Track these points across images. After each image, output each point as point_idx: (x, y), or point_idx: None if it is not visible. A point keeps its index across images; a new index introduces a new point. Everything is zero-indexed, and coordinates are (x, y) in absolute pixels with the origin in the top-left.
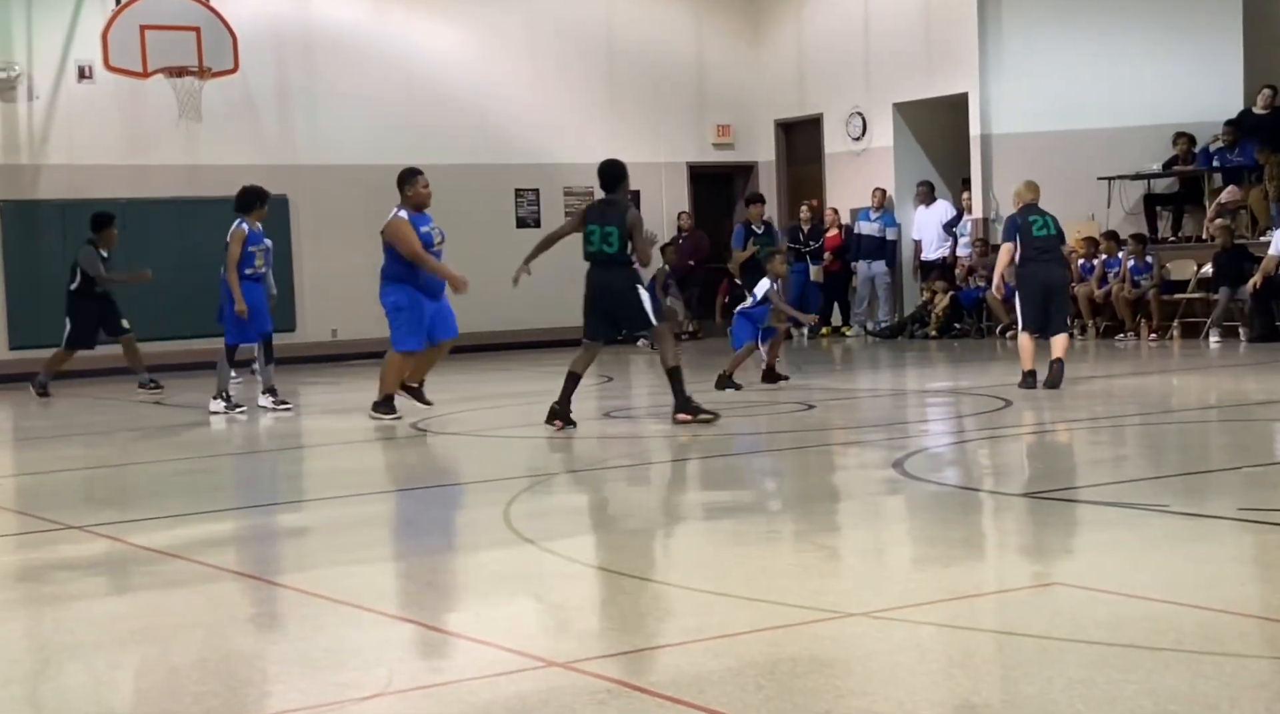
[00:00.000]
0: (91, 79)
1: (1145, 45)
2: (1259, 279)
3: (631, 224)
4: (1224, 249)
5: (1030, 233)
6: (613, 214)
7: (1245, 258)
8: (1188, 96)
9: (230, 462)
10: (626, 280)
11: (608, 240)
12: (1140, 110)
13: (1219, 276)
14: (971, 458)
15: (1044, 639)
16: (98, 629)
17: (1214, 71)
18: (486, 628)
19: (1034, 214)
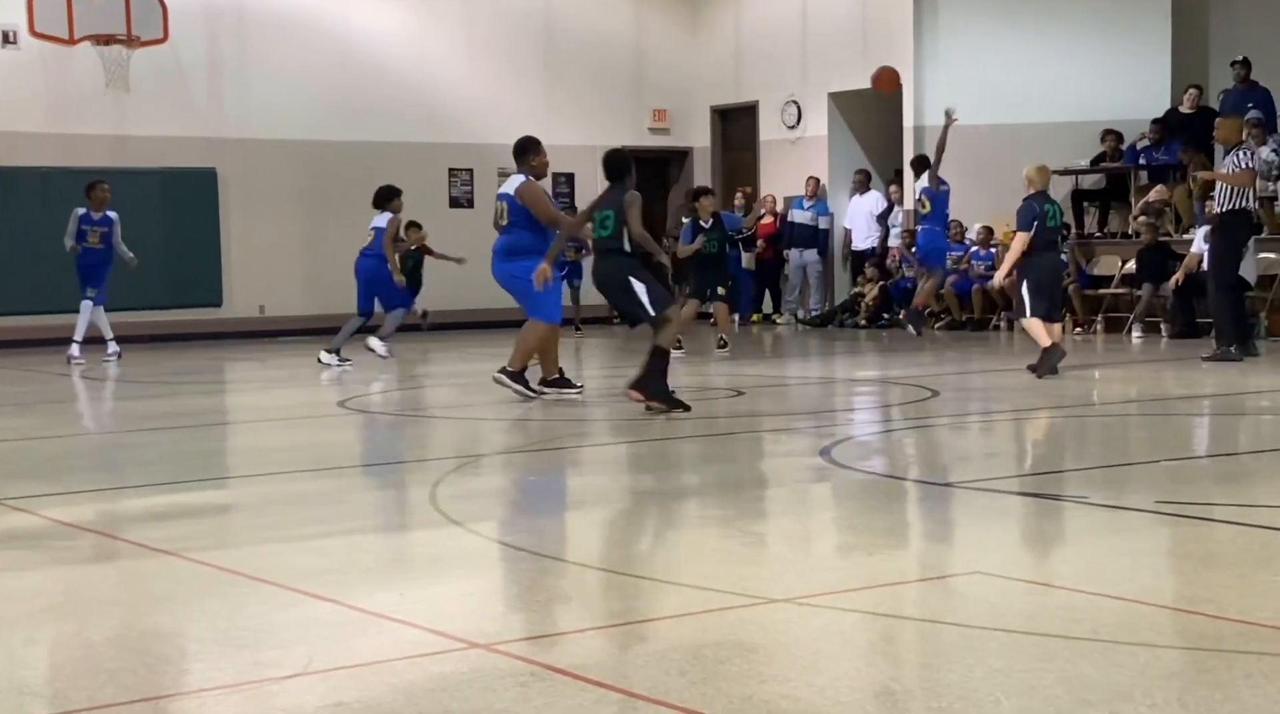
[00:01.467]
0: (16, 44)
1: (1077, 43)
2: (1181, 276)
3: (626, 205)
4: (1148, 246)
5: (1045, 222)
6: (611, 199)
7: (1169, 255)
8: (1117, 94)
9: (154, 437)
10: (619, 270)
11: (604, 224)
12: (1070, 107)
13: (1142, 273)
14: (898, 447)
15: (965, 627)
16: (12, 604)
17: (1143, 70)
18: (410, 609)
19: (1049, 203)
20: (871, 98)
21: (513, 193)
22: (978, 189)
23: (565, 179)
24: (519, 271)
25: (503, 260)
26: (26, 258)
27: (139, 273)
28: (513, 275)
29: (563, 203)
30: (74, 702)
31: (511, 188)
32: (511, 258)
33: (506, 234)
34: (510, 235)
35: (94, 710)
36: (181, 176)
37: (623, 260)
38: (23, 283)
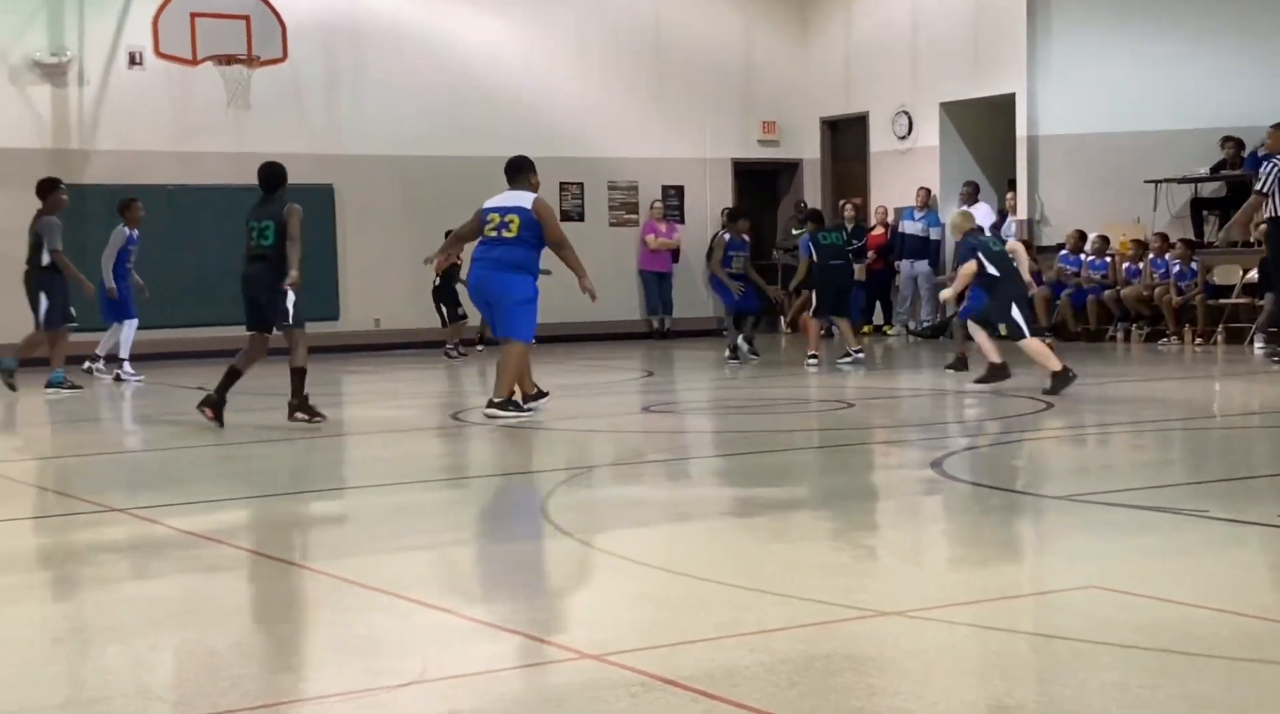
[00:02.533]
0: (142, 65)
1: (1195, 48)
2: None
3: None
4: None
5: (990, 251)
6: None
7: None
8: (1236, 100)
9: (271, 448)
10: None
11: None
12: (1189, 113)
13: (1264, 282)
14: (1010, 459)
15: (1079, 642)
16: (138, 611)
17: (1263, 75)
18: (522, 619)
19: (982, 236)
20: (983, 107)
21: (529, 207)
22: (1093, 198)
23: (675, 192)
24: (516, 288)
25: (499, 271)
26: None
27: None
28: (509, 290)
29: (674, 215)
30: (197, 707)
31: (525, 202)
32: (509, 270)
33: (510, 247)
34: (515, 249)
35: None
36: (299, 193)
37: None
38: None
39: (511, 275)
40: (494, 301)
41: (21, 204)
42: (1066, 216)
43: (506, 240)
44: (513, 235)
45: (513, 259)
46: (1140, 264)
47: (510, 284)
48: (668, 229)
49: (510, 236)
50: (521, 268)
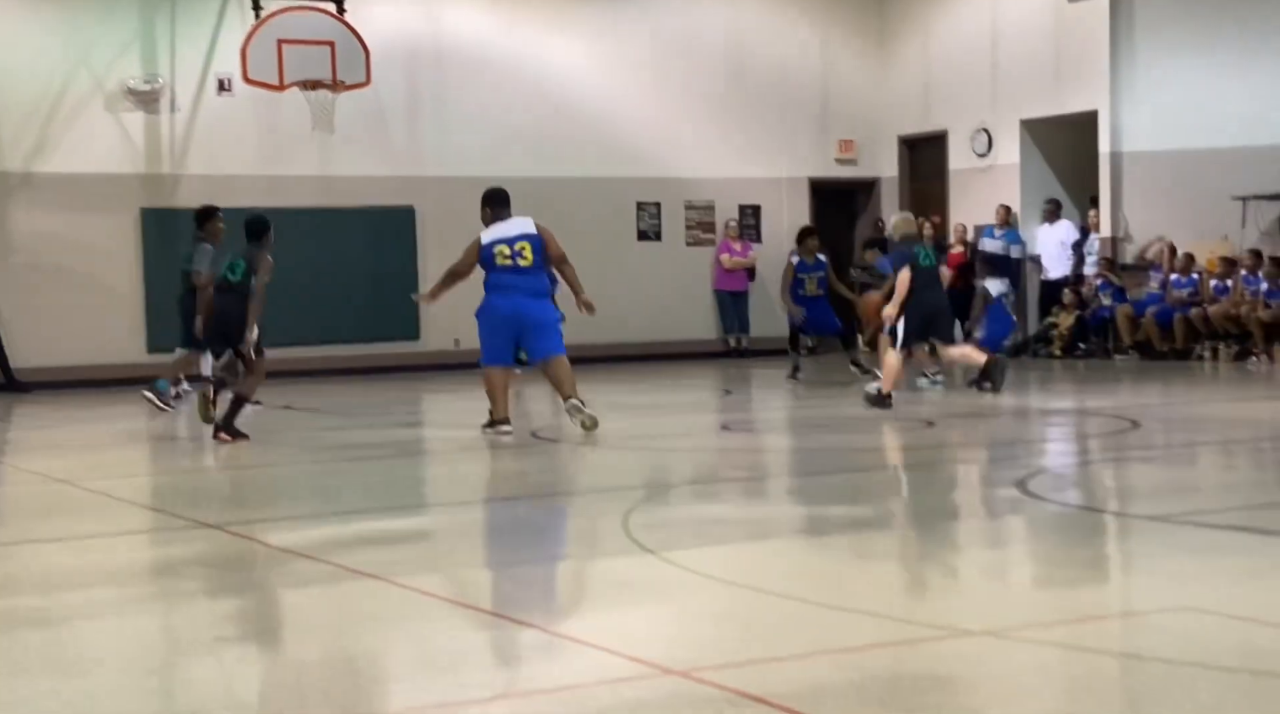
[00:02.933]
0: (230, 91)
1: None
2: None
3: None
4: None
5: (919, 262)
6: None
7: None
8: None
9: (358, 466)
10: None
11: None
12: (1276, 127)
13: None
14: (1096, 479)
15: (1172, 664)
16: (230, 625)
17: None
18: (606, 634)
19: (919, 246)
20: (1065, 124)
21: (535, 232)
22: (1178, 214)
23: (752, 211)
24: (549, 313)
25: (533, 299)
26: None
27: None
28: (546, 315)
29: (750, 234)
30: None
31: (530, 227)
32: (541, 297)
33: (532, 277)
34: (539, 279)
35: None
36: (382, 214)
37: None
38: None
39: (544, 302)
40: (532, 327)
41: (117, 228)
42: (1150, 234)
43: (524, 269)
44: (529, 263)
45: (541, 288)
46: (1228, 281)
47: (546, 310)
48: (743, 248)
49: (526, 265)
50: (548, 295)
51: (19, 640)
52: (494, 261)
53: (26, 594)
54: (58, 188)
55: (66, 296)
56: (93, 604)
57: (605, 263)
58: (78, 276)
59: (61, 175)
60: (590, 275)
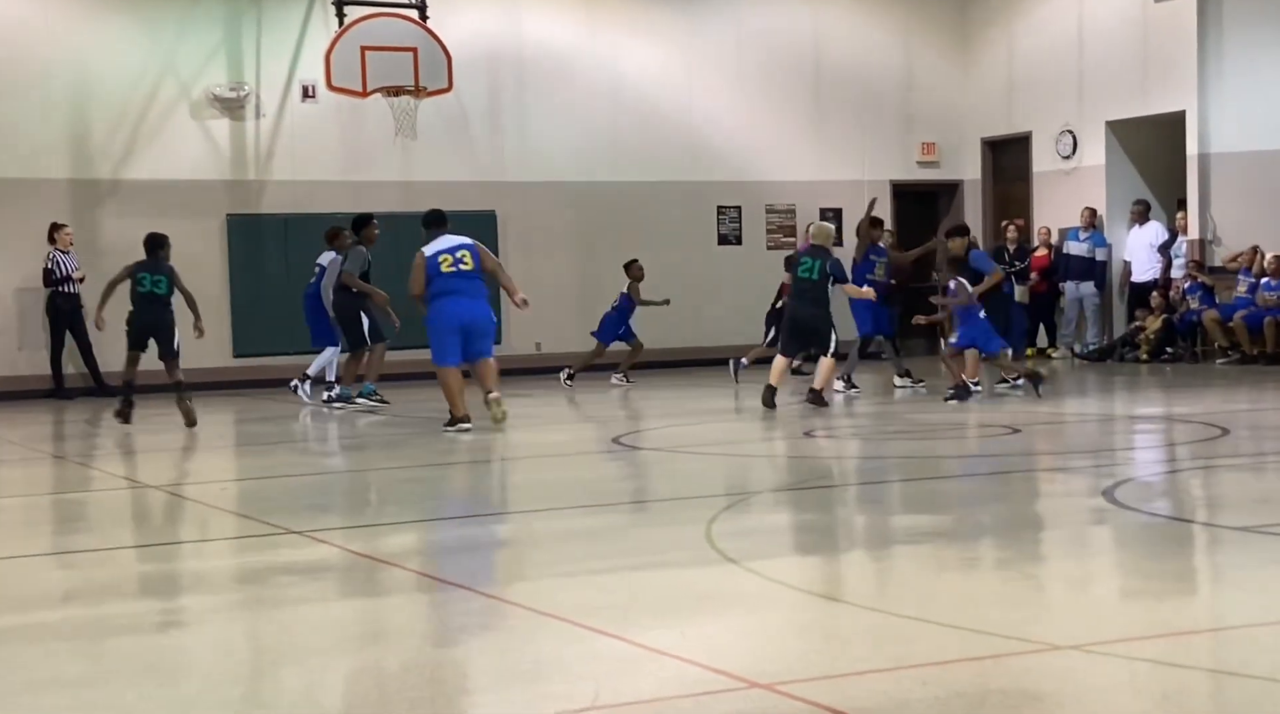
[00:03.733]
0: (314, 98)
1: None
2: None
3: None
4: None
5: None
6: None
7: None
8: None
9: (441, 472)
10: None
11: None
12: None
13: None
14: (1185, 488)
15: (1266, 680)
16: (315, 633)
17: None
18: (691, 646)
19: (805, 257)
20: (1151, 125)
21: (473, 244)
22: (1270, 216)
23: (834, 214)
24: (490, 315)
25: (479, 300)
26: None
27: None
28: (490, 317)
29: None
30: None
31: (466, 240)
32: (484, 300)
33: (475, 281)
34: (480, 284)
35: None
36: (463, 219)
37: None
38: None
39: (487, 306)
40: (476, 332)
41: (203, 233)
42: (1240, 236)
43: (468, 273)
44: (470, 268)
45: (483, 292)
46: None
47: (489, 314)
48: None
49: (469, 269)
50: (487, 299)
51: (110, 647)
52: (440, 269)
53: (117, 601)
54: (145, 194)
55: None
56: (181, 612)
57: (686, 267)
58: None
59: (149, 182)
60: (670, 279)
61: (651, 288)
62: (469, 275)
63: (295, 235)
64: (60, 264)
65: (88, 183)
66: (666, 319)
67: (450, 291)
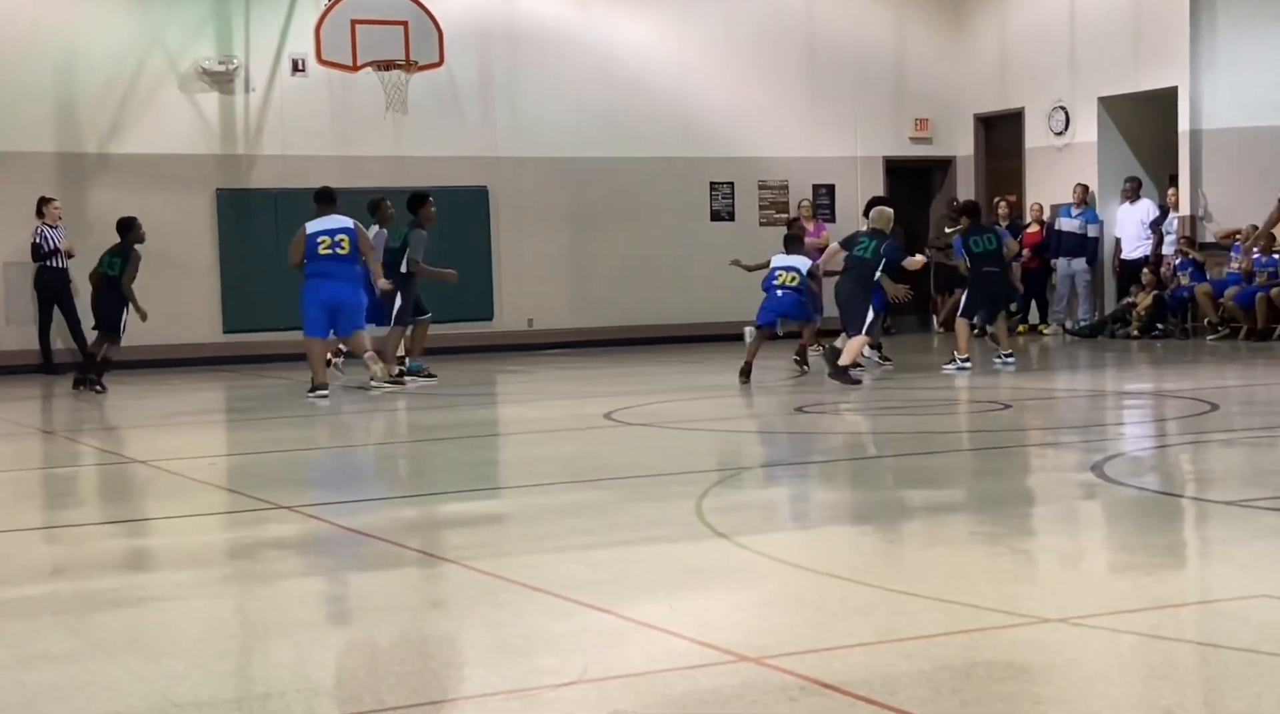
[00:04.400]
0: (304, 72)
1: None
2: None
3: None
4: None
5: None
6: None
7: None
8: None
9: (430, 448)
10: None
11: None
12: None
13: None
14: (1175, 463)
15: (1252, 653)
16: (304, 607)
17: None
18: (680, 621)
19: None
20: (1143, 102)
21: (353, 227)
22: (1261, 192)
23: (826, 190)
24: (360, 296)
25: (348, 282)
26: None
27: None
28: (359, 297)
29: (824, 214)
30: (364, 703)
31: (348, 223)
32: (356, 282)
33: (350, 263)
34: (352, 265)
35: (383, 712)
36: (455, 195)
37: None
38: None
39: (357, 287)
40: (344, 309)
41: (192, 208)
42: (1231, 212)
43: (343, 257)
44: (346, 252)
45: (354, 274)
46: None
47: (358, 294)
48: (815, 228)
49: (344, 253)
50: (359, 280)
51: (98, 622)
52: (317, 250)
53: (104, 576)
54: (133, 169)
55: (142, 277)
56: (169, 586)
57: (679, 243)
58: (153, 257)
59: (137, 156)
60: (663, 255)
61: (644, 264)
62: (343, 259)
63: (285, 210)
64: (48, 238)
65: (75, 156)
66: (659, 295)
67: (322, 273)
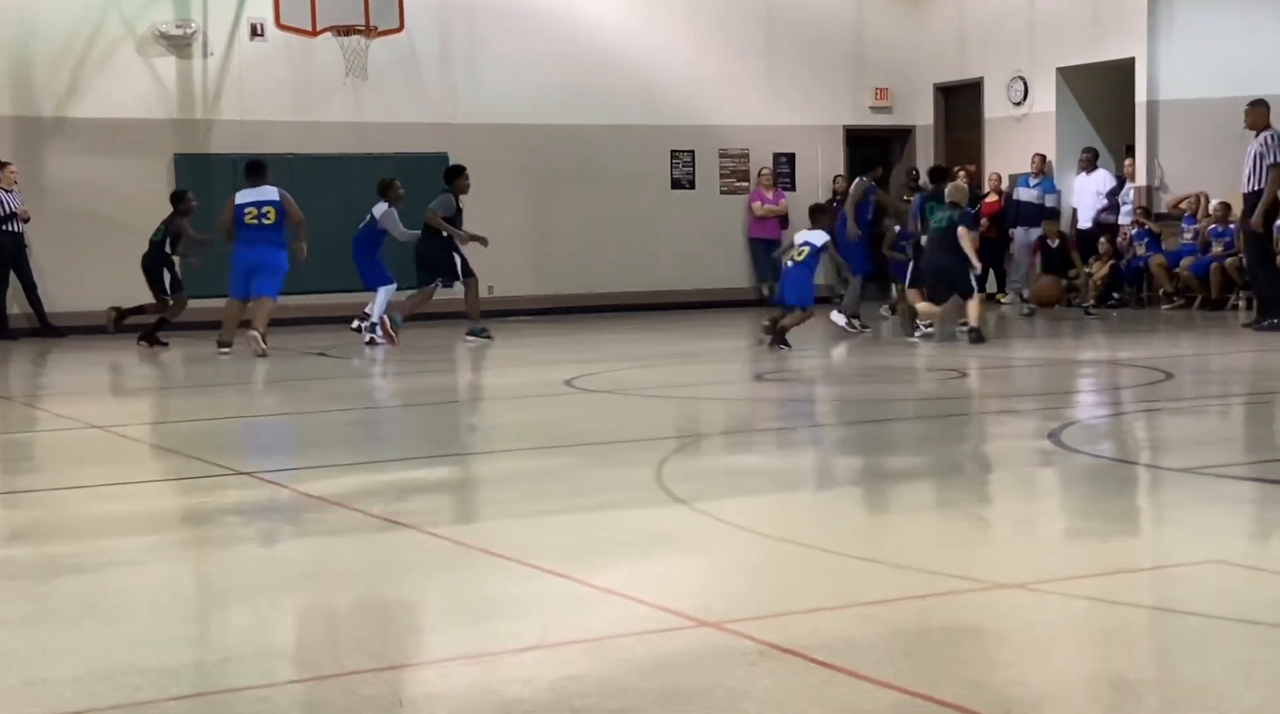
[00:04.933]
0: (263, 37)
1: None
2: None
3: None
4: None
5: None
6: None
7: None
8: None
9: (389, 414)
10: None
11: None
12: None
13: None
14: (1129, 431)
15: (1205, 617)
16: (264, 572)
17: None
18: (639, 586)
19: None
20: (1101, 72)
21: (278, 198)
22: (1216, 163)
23: (786, 159)
24: (281, 262)
25: (270, 248)
26: None
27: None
28: (279, 262)
29: (784, 182)
30: (324, 668)
31: (274, 195)
32: (279, 248)
33: (274, 232)
34: (277, 234)
35: (342, 677)
36: (415, 161)
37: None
38: None
39: (279, 252)
40: (261, 270)
41: (149, 173)
42: (1187, 183)
43: (267, 227)
44: (271, 222)
45: (278, 241)
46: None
47: (278, 258)
48: (775, 196)
49: (270, 223)
50: (283, 247)
51: (56, 587)
52: (244, 220)
53: (62, 541)
54: (90, 133)
55: (99, 242)
56: (128, 551)
57: (639, 211)
58: (110, 222)
59: (93, 120)
60: (624, 223)
61: (604, 233)
62: (267, 228)
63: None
64: (3, 203)
65: (31, 120)
66: (619, 263)
67: (247, 241)
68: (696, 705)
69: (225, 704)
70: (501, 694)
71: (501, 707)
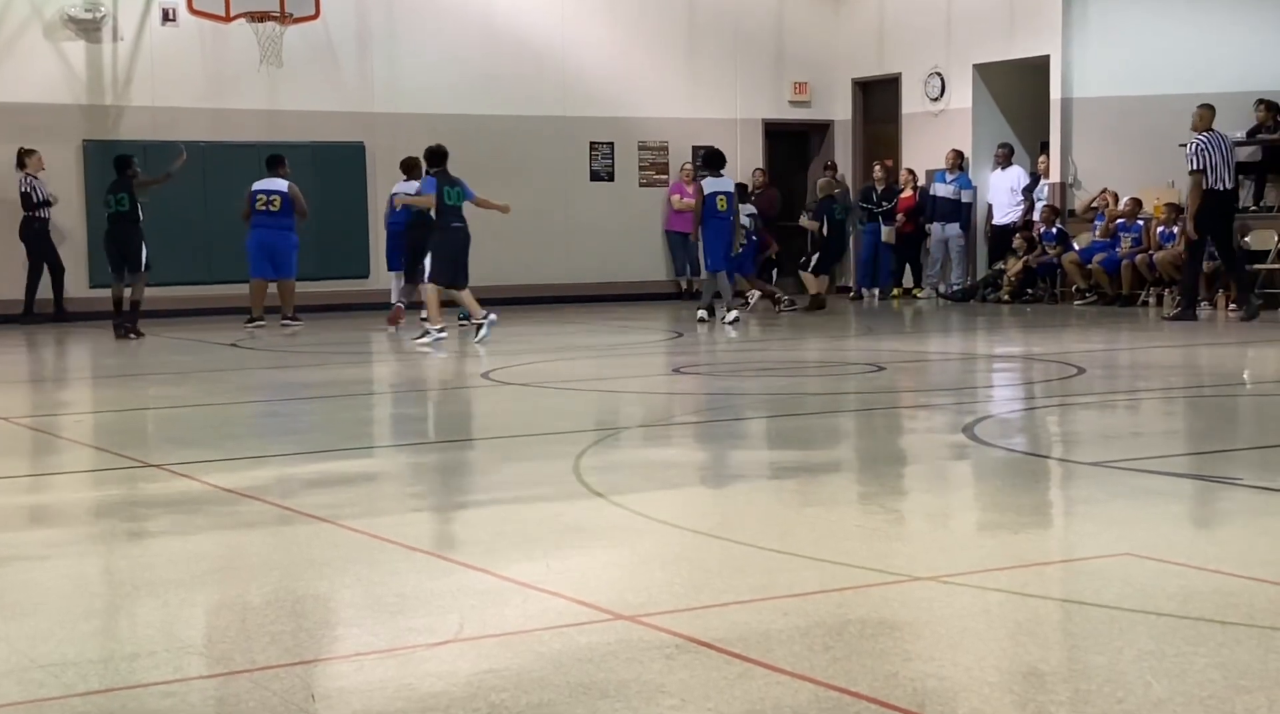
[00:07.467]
0: (175, 22)
1: (1230, 12)
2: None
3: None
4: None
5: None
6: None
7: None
8: (1272, 63)
9: (306, 406)
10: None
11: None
12: (1224, 77)
13: None
14: (1042, 425)
15: (1113, 609)
16: (174, 566)
17: None
18: (556, 579)
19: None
20: (1017, 70)
21: (285, 190)
22: (1127, 161)
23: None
24: (291, 243)
25: (280, 232)
26: (184, 229)
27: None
28: (289, 244)
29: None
30: (235, 663)
31: (282, 186)
32: (283, 232)
33: (281, 217)
34: (284, 219)
35: (254, 672)
36: (331, 150)
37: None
38: (181, 254)
39: (287, 235)
40: (277, 252)
41: (57, 159)
42: (1100, 179)
43: (274, 213)
44: (278, 209)
45: (286, 225)
46: (1174, 228)
47: (288, 241)
48: (694, 189)
49: (276, 210)
50: (291, 230)
51: None
52: (256, 207)
53: None
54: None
55: (4, 229)
56: (33, 545)
57: (558, 203)
58: (17, 208)
59: (1, 105)
60: (542, 215)
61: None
62: (275, 214)
63: (155, 162)
64: (36, 189)
65: None
66: (537, 255)
67: (259, 225)
68: (613, 699)
69: (134, 700)
70: (417, 689)
71: (417, 701)
